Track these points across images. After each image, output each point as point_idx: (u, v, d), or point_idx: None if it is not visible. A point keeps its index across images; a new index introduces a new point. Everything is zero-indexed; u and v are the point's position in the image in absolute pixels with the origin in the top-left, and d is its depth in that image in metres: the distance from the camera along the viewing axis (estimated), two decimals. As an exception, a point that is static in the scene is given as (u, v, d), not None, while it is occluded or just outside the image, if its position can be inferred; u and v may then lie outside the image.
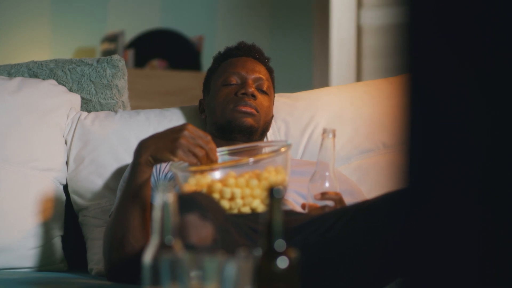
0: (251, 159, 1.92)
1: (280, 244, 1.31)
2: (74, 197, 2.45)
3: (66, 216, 2.43)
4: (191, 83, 4.63)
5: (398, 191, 1.85)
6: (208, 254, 1.36)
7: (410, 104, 0.85)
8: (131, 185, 2.04)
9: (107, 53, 4.65)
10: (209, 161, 1.96)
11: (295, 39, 5.21)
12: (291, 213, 1.99)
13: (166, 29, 4.91)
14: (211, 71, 2.47)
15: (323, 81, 5.07)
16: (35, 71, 2.58)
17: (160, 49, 4.85)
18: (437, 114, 0.85)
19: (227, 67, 2.40)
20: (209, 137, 1.98)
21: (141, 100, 4.24)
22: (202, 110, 2.47)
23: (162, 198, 1.37)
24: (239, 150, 2.15)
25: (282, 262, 1.31)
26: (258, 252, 1.34)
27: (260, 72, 2.39)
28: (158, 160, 2.00)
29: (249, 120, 2.30)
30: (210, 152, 1.96)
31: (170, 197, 1.37)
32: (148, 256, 1.37)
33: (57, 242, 2.39)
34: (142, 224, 2.03)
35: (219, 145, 2.21)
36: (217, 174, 1.95)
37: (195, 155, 1.95)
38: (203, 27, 5.09)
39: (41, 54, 4.78)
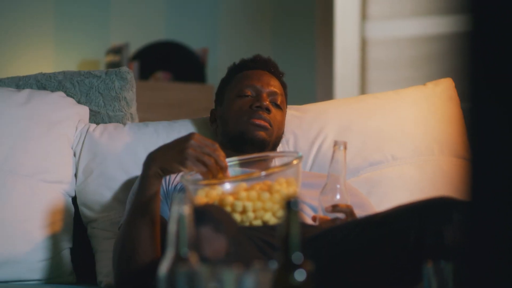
0: (263, 173, 1.91)
1: (297, 256, 1.31)
2: (83, 209, 2.44)
3: (74, 229, 2.43)
4: (195, 95, 4.63)
5: (410, 203, 1.85)
6: (224, 267, 1.35)
7: (472, 114, 0.84)
8: (140, 198, 2.03)
9: (112, 65, 4.66)
10: (218, 168, 1.96)
11: (298, 52, 5.22)
12: (302, 226, 1.98)
13: (170, 41, 4.91)
14: (225, 81, 2.46)
15: (327, 94, 5.07)
16: (43, 83, 2.58)
17: (165, 61, 4.85)
18: (501, 123, 0.84)
19: (242, 79, 2.40)
20: (216, 145, 1.98)
21: (146, 112, 4.24)
22: (213, 120, 2.47)
23: (178, 210, 1.36)
24: (250, 160, 2.15)
25: (300, 275, 1.30)
26: (274, 264, 1.33)
27: (275, 86, 2.39)
28: (167, 172, 2.00)
29: (262, 134, 2.30)
30: (219, 159, 1.96)
31: (186, 209, 1.36)
32: (163, 269, 1.36)
33: (66, 254, 2.38)
34: (151, 236, 2.02)
35: (229, 156, 2.20)
36: (228, 185, 1.95)
37: (204, 163, 1.94)
38: (207, 39, 5.10)
39: (46, 66, 4.78)
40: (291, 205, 1.32)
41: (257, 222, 1.91)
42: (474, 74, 0.84)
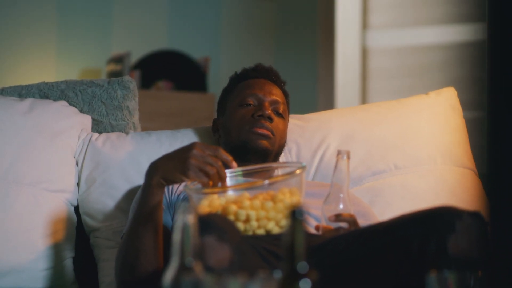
0: (266, 182, 1.91)
1: (302, 266, 1.31)
2: (85, 218, 2.44)
3: (77, 238, 2.43)
4: (196, 104, 4.64)
5: (413, 213, 1.85)
6: (228, 276, 1.35)
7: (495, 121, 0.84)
8: (143, 207, 2.03)
9: (113, 74, 4.66)
10: (220, 178, 1.95)
11: (300, 60, 5.23)
12: (305, 235, 1.98)
13: (172, 50, 4.92)
14: (226, 91, 2.47)
15: (328, 103, 5.08)
16: (46, 92, 2.59)
17: (166, 70, 4.86)
18: None
19: (244, 88, 2.40)
20: (220, 149, 1.97)
21: (147, 121, 4.24)
22: (215, 129, 2.47)
23: (182, 220, 1.36)
24: (253, 170, 2.15)
25: (305, 284, 1.30)
26: (278, 274, 1.33)
27: (276, 95, 2.39)
28: (170, 182, 1.99)
29: (264, 143, 2.30)
30: (220, 169, 1.96)
31: (190, 219, 1.36)
32: (168, 278, 1.36)
33: (68, 263, 2.38)
34: (154, 246, 2.02)
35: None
36: (231, 194, 1.95)
37: (206, 173, 1.94)
38: (209, 49, 5.11)
39: (47, 75, 4.78)
40: (296, 214, 1.32)
41: (260, 231, 1.91)
42: (490, 82, 0.85)
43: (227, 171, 2.09)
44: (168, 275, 1.36)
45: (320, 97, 5.13)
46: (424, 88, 4.80)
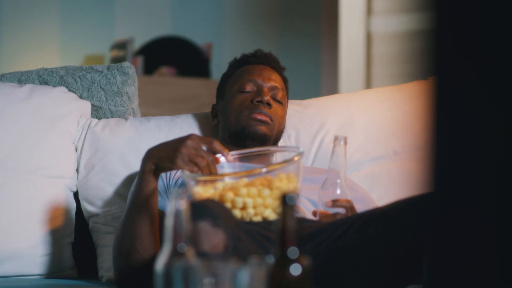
0: (264, 170, 1.91)
1: (293, 251, 1.31)
2: (84, 204, 2.45)
3: (76, 223, 2.43)
4: (199, 90, 4.63)
5: (410, 198, 1.85)
6: (221, 261, 1.35)
7: (435, 109, 0.85)
8: (138, 194, 2.04)
9: (116, 60, 4.66)
10: (209, 172, 1.96)
11: (304, 46, 5.21)
12: (302, 220, 1.98)
13: (175, 36, 4.91)
14: (226, 76, 2.47)
15: (332, 88, 5.06)
16: (45, 78, 2.58)
17: (169, 56, 4.85)
18: (462, 119, 0.85)
19: (243, 73, 2.40)
20: (215, 141, 1.97)
21: (150, 107, 4.25)
22: (214, 115, 2.47)
23: (175, 205, 1.36)
24: (251, 154, 2.16)
25: (295, 270, 1.30)
26: (271, 259, 1.33)
27: (276, 81, 2.39)
28: (160, 169, 2.00)
29: (263, 128, 2.30)
30: (212, 164, 1.96)
31: (183, 204, 1.36)
32: (160, 263, 1.36)
33: (67, 249, 2.39)
34: (150, 232, 2.03)
35: (230, 150, 2.21)
36: (228, 181, 1.95)
37: (196, 164, 1.94)
38: (212, 35, 5.10)
39: (51, 62, 4.78)
40: (287, 199, 1.32)
41: (257, 219, 1.91)
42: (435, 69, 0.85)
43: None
44: (160, 261, 1.36)
45: (324, 83, 5.12)
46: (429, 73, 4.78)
